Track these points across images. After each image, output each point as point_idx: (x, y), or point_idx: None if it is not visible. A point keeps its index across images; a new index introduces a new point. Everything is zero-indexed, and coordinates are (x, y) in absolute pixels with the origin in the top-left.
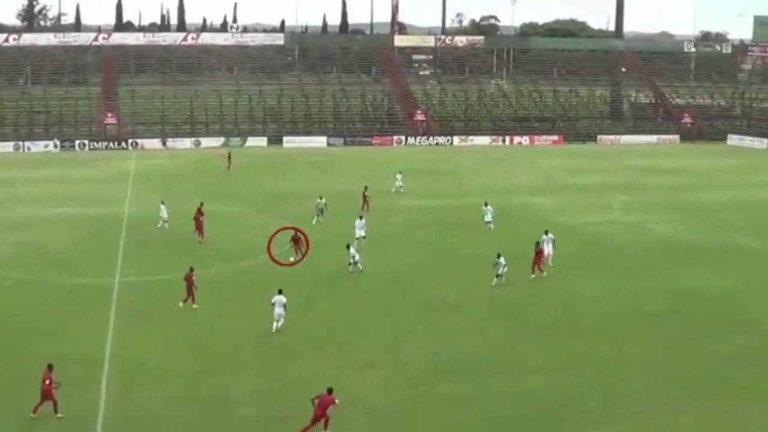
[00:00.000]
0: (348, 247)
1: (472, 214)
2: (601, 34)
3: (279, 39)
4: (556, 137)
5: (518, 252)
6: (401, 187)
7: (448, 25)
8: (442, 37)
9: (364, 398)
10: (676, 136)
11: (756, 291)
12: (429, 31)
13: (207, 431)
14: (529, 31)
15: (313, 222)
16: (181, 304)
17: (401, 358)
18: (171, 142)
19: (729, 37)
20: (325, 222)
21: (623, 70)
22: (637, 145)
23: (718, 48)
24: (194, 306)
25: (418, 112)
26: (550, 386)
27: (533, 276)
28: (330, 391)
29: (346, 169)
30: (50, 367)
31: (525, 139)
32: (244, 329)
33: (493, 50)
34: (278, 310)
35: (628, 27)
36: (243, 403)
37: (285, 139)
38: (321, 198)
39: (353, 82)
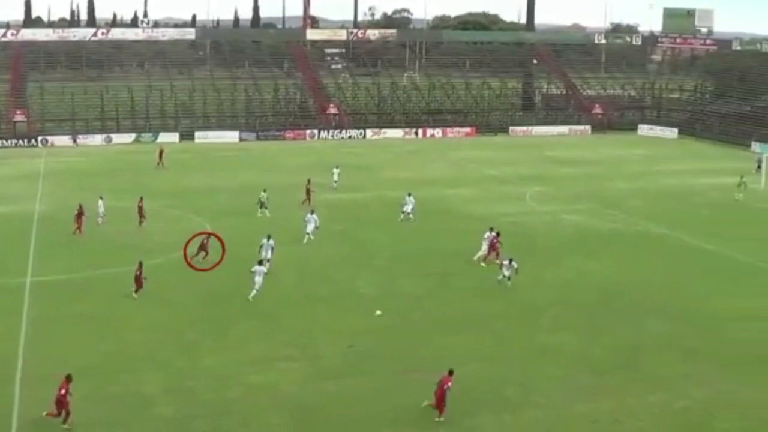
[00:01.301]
0: (260, 248)
1: (388, 207)
2: (513, 26)
3: (190, 34)
4: (468, 129)
5: (434, 245)
6: (336, 182)
7: (360, 18)
8: (355, 30)
9: (279, 391)
10: (588, 127)
11: (668, 279)
12: (341, 25)
13: (124, 430)
14: (441, 24)
15: (258, 215)
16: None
17: (317, 352)
18: (82, 139)
19: (639, 28)
20: (267, 216)
21: (535, 62)
22: (549, 136)
23: (628, 40)
24: (134, 295)
25: (331, 105)
26: (468, 375)
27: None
28: (450, 372)
29: (259, 164)
30: (68, 378)
31: (438, 132)
32: (158, 326)
33: (406, 43)
34: (258, 279)
35: (540, 20)
36: (159, 400)
37: (197, 134)
38: (264, 191)
39: (265, 77)
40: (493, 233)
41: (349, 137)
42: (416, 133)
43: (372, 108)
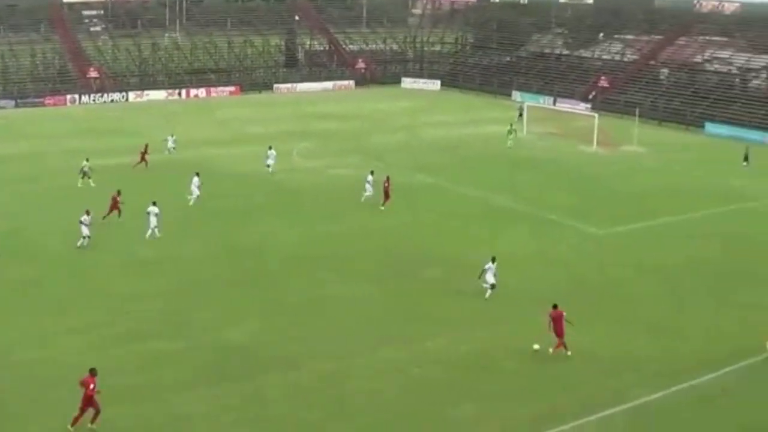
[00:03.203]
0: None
1: (156, 169)
2: None
3: None
4: (232, 88)
5: (204, 205)
6: (173, 148)
7: None
8: None
9: (70, 361)
10: (351, 82)
11: (439, 227)
12: None
13: None
14: None
15: (79, 185)
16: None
17: (99, 320)
18: None
19: None
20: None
21: (297, 18)
22: (313, 92)
23: None
24: None
25: (92, 69)
26: (250, 335)
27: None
28: (555, 306)
29: (22, 133)
30: (93, 372)
31: (202, 92)
32: None
33: (166, 3)
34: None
35: None
36: None
37: None
38: (87, 160)
39: (22, 41)
40: (384, 177)
41: (112, 101)
42: (180, 94)
43: (134, 70)
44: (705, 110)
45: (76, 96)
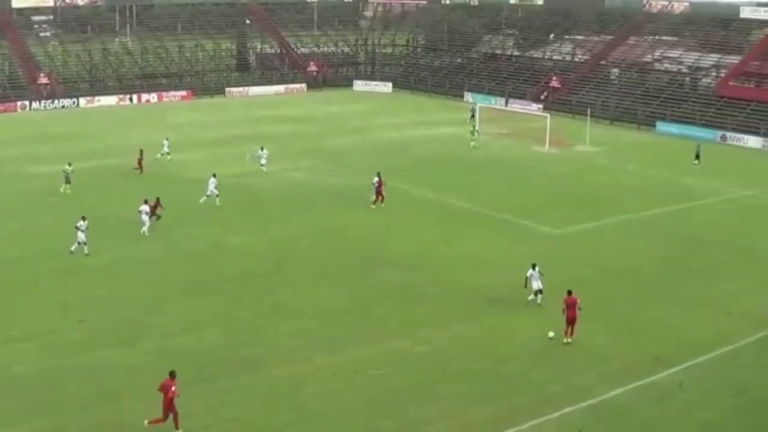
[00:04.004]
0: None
1: (111, 174)
2: None
3: None
4: (184, 93)
5: (172, 209)
6: (168, 153)
7: None
8: None
9: (14, 371)
10: (303, 85)
11: (398, 229)
12: None
13: None
14: None
15: (61, 190)
16: None
17: (50, 328)
18: None
19: None
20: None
21: (248, 22)
22: (265, 96)
23: None
24: None
25: (42, 75)
26: (200, 340)
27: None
28: (569, 292)
29: None
30: (173, 375)
31: (153, 97)
32: None
33: (116, 7)
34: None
35: None
36: None
37: None
38: (69, 165)
39: None
40: (378, 178)
41: (62, 106)
42: (131, 99)
43: (84, 75)
44: (656, 109)
45: (27, 102)
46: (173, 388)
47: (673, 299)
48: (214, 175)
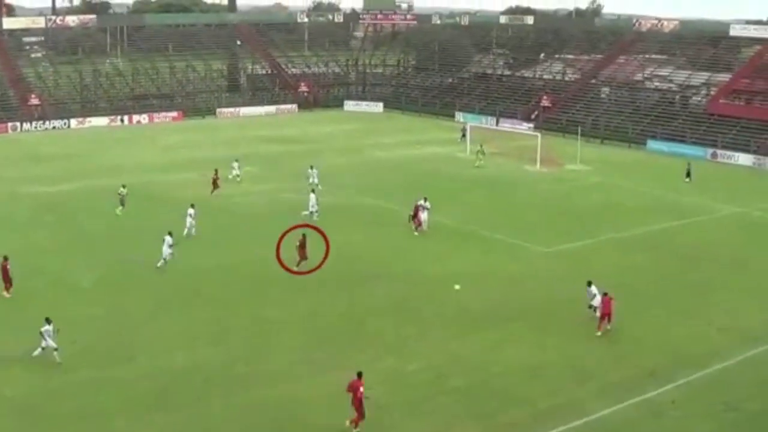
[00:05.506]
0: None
1: (100, 196)
2: (215, 8)
3: None
4: (175, 114)
5: (150, 230)
6: (238, 175)
7: (58, 5)
8: (53, 17)
9: (3, 394)
10: (294, 106)
11: (389, 246)
12: (39, 12)
13: None
14: (142, 8)
15: (117, 212)
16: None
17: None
18: None
19: (341, 6)
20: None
21: (239, 43)
22: (256, 116)
23: (330, 17)
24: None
25: (33, 96)
26: (195, 358)
27: (416, 233)
28: (605, 294)
29: None
30: (360, 375)
31: (144, 118)
32: None
33: (107, 29)
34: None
35: (243, 0)
36: None
37: None
38: (123, 187)
39: None
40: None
41: (53, 128)
42: (122, 120)
43: (75, 97)
44: (646, 127)
45: (18, 123)
46: (361, 389)
47: (669, 315)
48: (192, 206)
